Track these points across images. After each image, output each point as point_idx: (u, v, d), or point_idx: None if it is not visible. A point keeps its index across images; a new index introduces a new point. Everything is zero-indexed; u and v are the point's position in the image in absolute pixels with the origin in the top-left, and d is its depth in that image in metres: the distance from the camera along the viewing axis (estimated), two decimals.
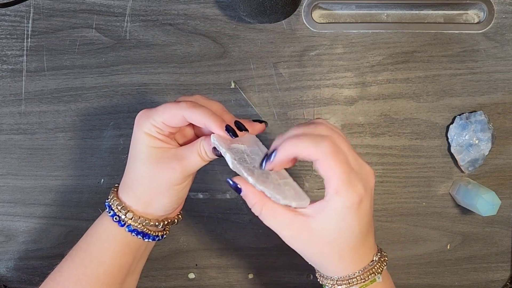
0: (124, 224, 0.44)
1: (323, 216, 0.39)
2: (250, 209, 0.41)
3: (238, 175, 0.41)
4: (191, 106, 0.41)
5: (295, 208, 0.41)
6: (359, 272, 0.42)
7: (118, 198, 0.45)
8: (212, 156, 0.43)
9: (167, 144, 0.43)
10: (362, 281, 0.42)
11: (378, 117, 0.58)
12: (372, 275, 0.42)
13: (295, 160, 0.41)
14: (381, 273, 0.43)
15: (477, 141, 0.57)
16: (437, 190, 0.59)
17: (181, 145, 0.45)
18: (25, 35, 0.57)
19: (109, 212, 0.45)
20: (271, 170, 0.41)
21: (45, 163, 0.58)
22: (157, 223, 0.45)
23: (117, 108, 0.58)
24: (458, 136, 0.57)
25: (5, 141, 0.58)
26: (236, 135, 0.42)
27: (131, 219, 0.44)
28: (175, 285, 0.60)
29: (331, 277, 0.43)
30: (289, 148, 0.39)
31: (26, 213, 0.59)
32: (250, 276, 0.60)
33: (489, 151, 0.57)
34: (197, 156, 0.43)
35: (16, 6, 0.56)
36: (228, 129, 0.42)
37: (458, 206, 0.59)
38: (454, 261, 0.60)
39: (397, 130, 0.59)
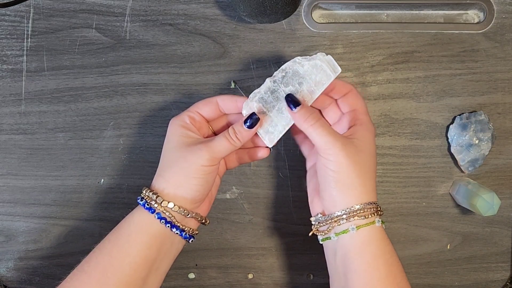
0: (154, 211, 0.46)
1: (360, 134, 0.47)
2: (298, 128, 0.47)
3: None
4: (222, 94, 0.51)
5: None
6: (370, 204, 0.46)
7: (149, 188, 0.48)
8: (242, 134, 0.47)
9: (197, 135, 0.49)
10: (381, 212, 0.46)
11: (378, 117, 0.58)
12: (377, 213, 0.46)
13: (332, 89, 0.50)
14: (380, 218, 0.47)
15: (477, 141, 0.57)
16: (437, 190, 0.59)
17: None
18: (25, 35, 0.57)
19: (141, 201, 0.47)
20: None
21: (45, 163, 0.58)
22: (185, 211, 0.47)
23: (117, 108, 0.58)
24: (458, 136, 0.57)
25: (5, 141, 0.58)
26: None
27: (160, 204, 0.46)
28: (175, 285, 0.60)
29: (337, 214, 0.46)
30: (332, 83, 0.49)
31: (26, 213, 0.59)
32: (250, 276, 0.60)
33: (489, 151, 0.57)
34: (223, 138, 0.47)
35: (16, 6, 0.56)
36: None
37: (458, 206, 0.59)
38: (454, 261, 0.60)
39: (397, 130, 0.59)
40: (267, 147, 0.51)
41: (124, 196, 0.59)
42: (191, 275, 0.60)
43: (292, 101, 0.47)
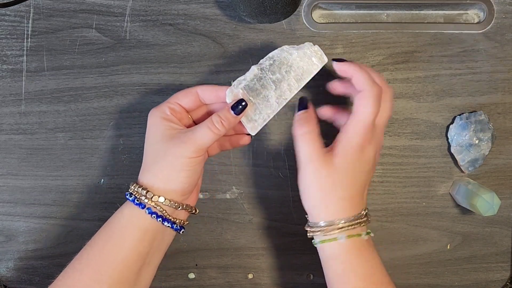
0: (144, 206, 0.46)
1: (341, 149, 0.46)
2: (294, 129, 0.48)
3: None
4: (201, 84, 0.50)
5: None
6: (349, 218, 0.46)
7: (137, 183, 0.48)
8: (228, 121, 0.47)
9: (179, 126, 0.48)
10: (352, 227, 0.46)
11: None
12: (358, 224, 0.46)
13: (348, 82, 0.49)
14: (365, 228, 0.47)
15: (477, 141, 0.57)
16: (437, 190, 0.59)
17: None
18: (25, 35, 0.57)
19: (130, 197, 0.47)
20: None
21: (45, 163, 0.58)
22: (175, 204, 0.47)
23: (117, 108, 0.58)
24: (458, 136, 0.57)
25: (5, 141, 0.58)
26: None
27: (150, 199, 0.46)
28: (175, 285, 0.60)
29: (319, 225, 0.47)
30: (355, 66, 0.47)
31: (26, 213, 0.59)
32: (250, 276, 0.60)
33: (489, 151, 0.57)
34: (206, 128, 0.47)
35: (16, 6, 0.56)
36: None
37: (458, 206, 0.59)
38: (454, 261, 0.60)
39: (397, 130, 0.59)
40: (248, 134, 0.51)
41: (124, 196, 0.59)
42: (191, 275, 0.60)
43: (303, 105, 0.49)
